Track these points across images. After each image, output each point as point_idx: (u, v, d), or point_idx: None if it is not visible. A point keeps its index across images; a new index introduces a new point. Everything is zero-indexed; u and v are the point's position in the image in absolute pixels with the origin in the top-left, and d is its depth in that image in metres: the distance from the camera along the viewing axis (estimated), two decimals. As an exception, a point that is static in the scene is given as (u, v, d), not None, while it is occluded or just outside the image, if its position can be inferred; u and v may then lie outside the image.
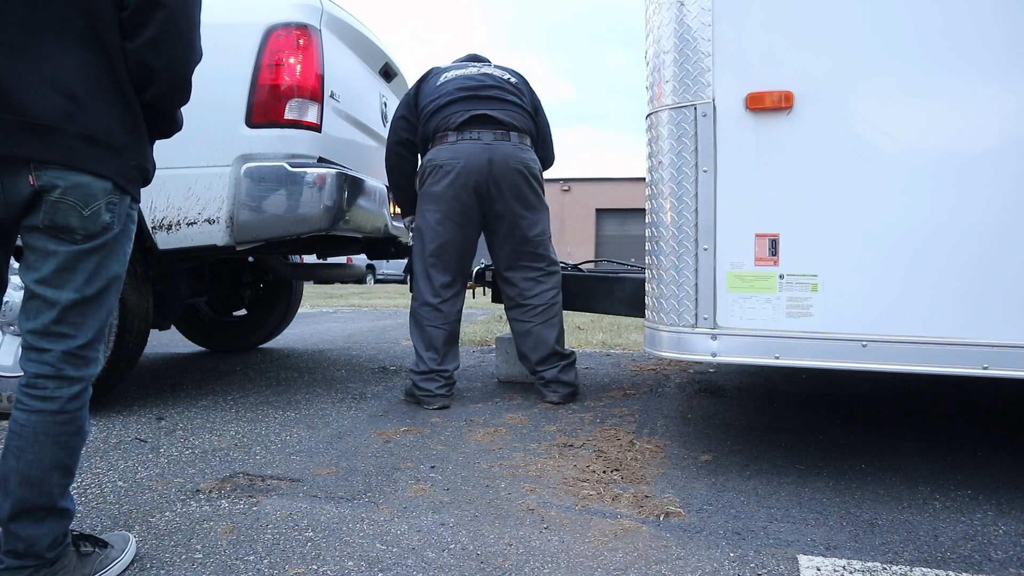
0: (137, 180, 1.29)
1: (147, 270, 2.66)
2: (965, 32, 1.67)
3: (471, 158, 2.70)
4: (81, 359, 1.23)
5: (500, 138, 2.75)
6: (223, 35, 2.55)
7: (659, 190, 1.96)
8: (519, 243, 2.86)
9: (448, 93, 2.80)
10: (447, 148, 2.73)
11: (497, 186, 2.74)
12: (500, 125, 2.76)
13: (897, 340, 1.72)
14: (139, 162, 1.27)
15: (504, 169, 2.73)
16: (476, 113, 2.74)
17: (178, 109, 1.37)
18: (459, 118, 2.73)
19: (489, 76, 2.88)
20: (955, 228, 1.68)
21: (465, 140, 2.72)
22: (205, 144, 2.51)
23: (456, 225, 2.77)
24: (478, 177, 2.71)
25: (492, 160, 2.71)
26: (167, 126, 1.38)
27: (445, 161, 2.72)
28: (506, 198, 2.76)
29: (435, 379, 2.75)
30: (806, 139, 1.79)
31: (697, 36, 1.86)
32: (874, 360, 1.73)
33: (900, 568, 1.41)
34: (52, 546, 1.22)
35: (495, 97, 2.81)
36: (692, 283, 1.89)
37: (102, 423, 2.48)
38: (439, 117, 2.78)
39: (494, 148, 2.72)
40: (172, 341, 4.74)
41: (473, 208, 2.76)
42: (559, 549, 1.48)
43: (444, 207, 2.74)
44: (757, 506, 1.74)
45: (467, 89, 2.80)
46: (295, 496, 1.78)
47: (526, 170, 2.80)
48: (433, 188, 2.75)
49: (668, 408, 2.79)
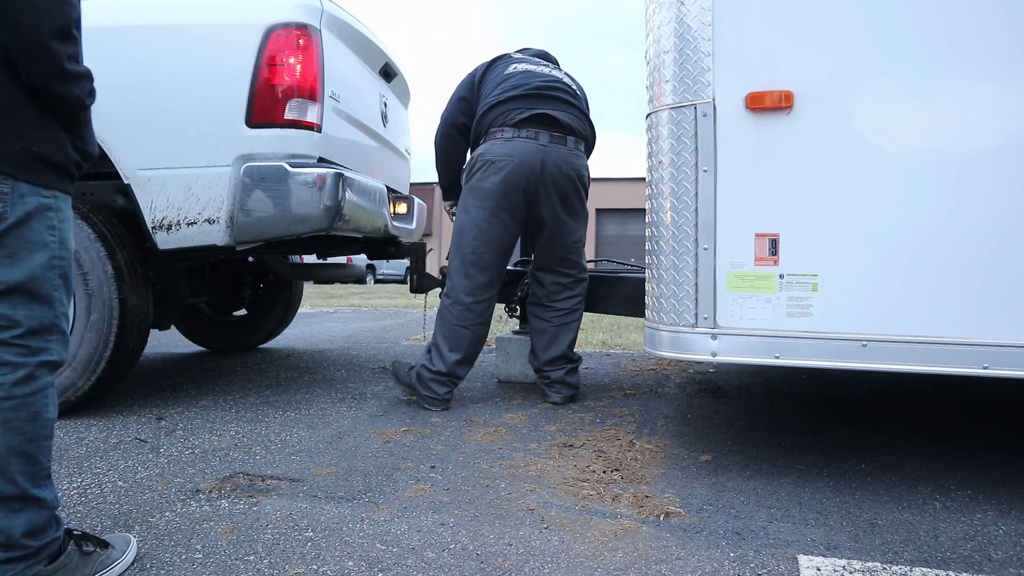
0: (33, 166, 1.22)
1: (147, 270, 2.66)
2: (965, 32, 1.67)
3: (525, 157, 2.63)
4: (23, 348, 1.22)
5: (556, 140, 2.68)
6: (223, 35, 2.56)
7: (659, 190, 1.96)
8: (557, 248, 2.84)
9: (512, 87, 2.73)
10: (501, 144, 2.65)
11: (547, 189, 2.68)
12: (559, 127, 2.70)
13: (897, 340, 1.72)
14: (25, 146, 1.21)
15: (556, 173, 2.68)
16: (537, 112, 2.67)
17: (54, 82, 1.23)
18: (518, 115, 2.66)
19: (558, 79, 2.82)
20: (955, 228, 1.68)
21: (521, 138, 2.64)
22: (205, 144, 2.51)
23: (502, 224, 2.69)
24: (529, 177, 2.65)
25: (545, 162, 2.65)
26: (58, 103, 1.26)
27: (498, 157, 2.64)
28: (553, 202, 2.72)
29: (446, 384, 2.69)
30: (806, 139, 1.79)
31: (697, 36, 1.86)
32: (874, 360, 1.73)
33: (900, 568, 1.41)
34: (30, 534, 1.21)
35: (558, 98, 2.75)
36: (692, 283, 1.89)
37: (102, 423, 2.48)
38: (498, 111, 2.70)
39: (549, 150, 2.66)
40: (172, 341, 4.74)
41: (520, 208, 2.70)
42: (559, 549, 1.48)
43: (492, 204, 2.67)
44: (757, 506, 1.74)
45: (532, 87, 2.73)
46: (295, 496, 1.78)
47: (576, 176, 2.75)
48: (482, 184, 2.67)
49: (668, 408, 2.79)
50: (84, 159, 1.34)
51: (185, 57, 2.54)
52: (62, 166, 1.28)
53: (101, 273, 2.46)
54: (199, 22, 2.58)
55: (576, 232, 2.86)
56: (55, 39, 1.20)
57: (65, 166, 1.29)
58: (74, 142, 1.30)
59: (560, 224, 2.78)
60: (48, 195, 1.26)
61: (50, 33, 1.19)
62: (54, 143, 1.26)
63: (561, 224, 2.78)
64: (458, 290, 2.73)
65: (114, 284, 2.47)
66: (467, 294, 2.71)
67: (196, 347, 4.44)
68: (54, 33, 1.20)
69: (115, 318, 2.47)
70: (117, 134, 2.51)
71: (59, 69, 1.22)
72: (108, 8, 2.61)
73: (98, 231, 2.48)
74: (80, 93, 1.27)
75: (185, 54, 2.55)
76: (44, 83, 1.22)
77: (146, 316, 2.63)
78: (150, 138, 2.53)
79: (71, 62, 1.24)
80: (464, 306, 2.71)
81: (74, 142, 1.30)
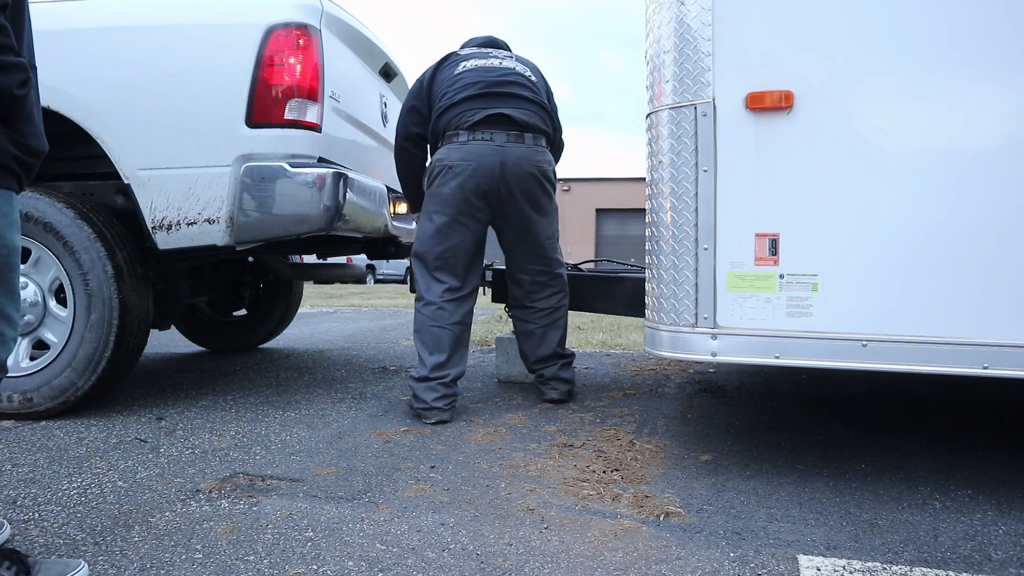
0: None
1: (147, 270, 2.66)
2: (965, 31, 1.67)
3: (482, 160, 2.59)
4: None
5: (514, 139, 2.64)
6: (223, 35, 2.56)
7: (659, 190, 1.96)
8: (528, 245, 2.80)
9: (464, 87, 2.66)
10: (457, 148, 2.62)
11: (508, 189, 2.64)
12: (516, 125, 2.65)
13: (898, 340, 1.71)
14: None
15: (517, 172, 2.63)
16: (492, 112, 2.62)
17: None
18: (472, 116, 2.60)
19: (510, 71, 2.75)
20: (956, 227, 1.68)
21: (477, 141, 2.60)
22: (205, 144, 2.51)
23: (464, 228, 2.66)
24: (489, 180, 2.60)
25: (504, 163, 2.61)
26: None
27: (455, 162, 2.61)
28: (517, 201, 2.68)
29: (435, 388, 2.57)
30: (806, 138, 1.79)
31: (697, 35, 1.86)
32: (874, 360, 1.73)
33: (900, 568, 1.41)
34: None
35: (513, 94, 2.68)
36: (692, 283, 1.89)
37: (102, 423, 2.48)
38: (452, 114, 2.65)
39: (507, 150, 2.62)
40: (172, 341, 4.74)
41: (482, 211, 2.67)
42: (559, 549, 1.48)
43: (451, 210, 2.63)
44: (757, 506, 1.74)
45: (484, 84, 2.67)
46: (295, 496, 1.78)
47: (540, 173, 2.70)
48: (441, 190, 2.64)
49: (668, 408, 2.79)
50: (27, 154, 1.28)
51: (185, 57, 2.54)
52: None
53: (101, 273, 2.46)
54: (199, 22, 2.58)
55: (547, 228, 2.81)
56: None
57: (2, 162, 1.23)
58: (12, 137, 1.25)
59: (528, 223, 2.74)
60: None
61: None
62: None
63: (530, 223, 2.74)
64: (427, 294, 2.68)
65: (114, 284, 2.47)
66: (436, 296, 2.66)
67: (196, 347, 4.43)
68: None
69: (115, 318, 2.47)
70: (117, 134, 2.52)
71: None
72: (108, 8, 2.62)
73: (98, 231, 2.48)
74: (8, 84, 1.21)
75: (185, 54, 2.54)
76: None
77: (146, 316, 2.63)
78: (150, 138, 2.53)
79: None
80: (436, 305, 2.65)
81: (12, 137, 1.25)
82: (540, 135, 2.73)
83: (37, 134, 1.31)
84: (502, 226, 2.77)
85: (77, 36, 2.56)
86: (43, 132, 1.34)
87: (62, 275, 2.49)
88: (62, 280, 2.50)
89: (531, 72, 2.83)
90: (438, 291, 2.67)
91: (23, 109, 1.27)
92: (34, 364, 2.52)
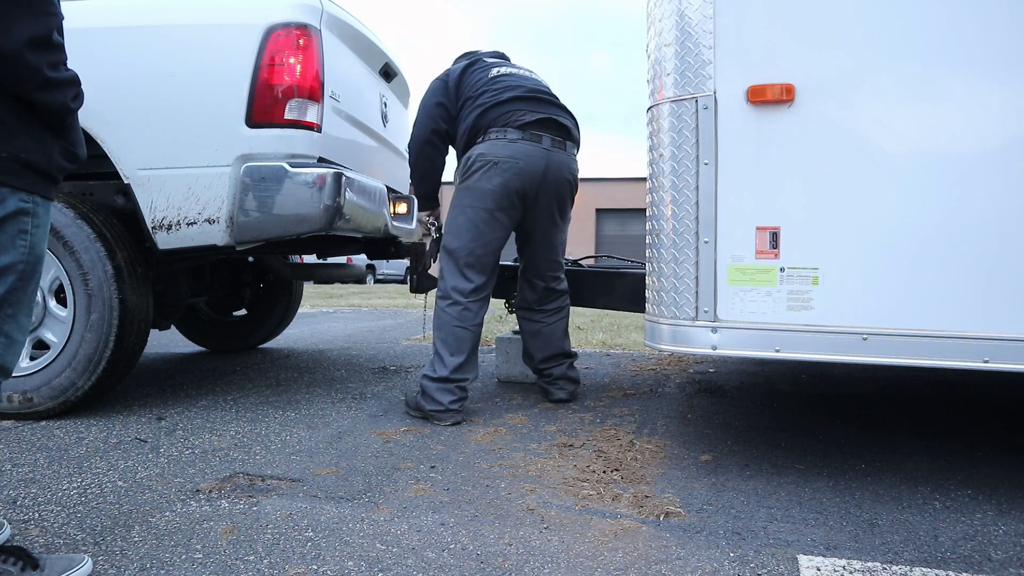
0: (16, 171, 1.24)
1: (147, 270, 2.66)
2: (967, 24, 1.67)
3: (530, 161, 2.60)
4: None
5: (557, 145, 2.67)
6: (223, 35, 2.56)
7: (660, 183, 1.96)
8: (546, 251, 2.83)
9: (508, 88, 2.68)
10: (505, 145, 2.59)
11: (547, 193, 2.67)
12: (561, 132, 2.69)
13: (898, 333, 1.71)
14: (13, 153, 1.23)
15: (557, 177, 2.67)
16: (543, 116, 2.65)
17: (37, 91, 1.24)
18: (524, 117, 2.61)
19: (541, 82, 2.81)
20: (959, 222, 1.68)
21: (526, 141, 2.61)
22: (205, 144, 2.51)
23: (499, 225, 2.65)
24: (531, 181, 2.62)
25: (548, 166, 2.63)
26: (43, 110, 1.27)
27: (502, 158, 2.58)
28: (551, 206, 2.72)
29: (452, 391, 2.56)
30: (807, 132, 1.79)
31: (698, 29, 1.86)
32: (875, 353, 1.73)
33: (900, 568, 1.41)
34: None
35: (554, 103, 2.74)
36: (692, 276, 1.89)
37: (102, 423, 2.48)
38: (499, 112, 2.63)
39: (552, 155, 2.65)
40: (172, 341, 4.74)
41: (516, 211, 2.67)
42: (559, 549, 1.48)
43: (491, 205, 2.61)
44: (757, 506, 1.74)
45: (529, 90, 2.70)
46: (295, 496, 1.78)
47: (573, 180, 2.76)
48: (482, 184, 2.61)
49: (668, 408, 2.79)
50: (72, 161, 1.35)
51: (185, 57, 2.54)
52: (46, 171, 1.29)
53: (101, 273, 2.46)
54: (199, 22, 2.58)
55: (563, 234, 2.88)
56: (29, 49, 1.20)
57: (49, 171, 1.29)
58: (62, 147, 1.31)
59: (553, 228, 2.79)
60: (28, 200, 1.27)
61: (23, 44, 1.20)
62: (40, 149, 1.27)
63: (554, 228, 2.79)
64: (455, 292, 2.65)
65: (114, 284, 2.47)
66: (464, 296, 2.64)
67: (196, 347, 4.43)
68: (27, 43, 1.20)
69: (115, 318, 2.47)
70: (117, 134, 2.52)
71: (39, 78, 1.23)
72: (108, 8, 2.61)
73: (98, 231, 2.48)
74: (64, 99, 1.28)
75: (185, 54, 2.54)
76: (26, 92, 1.24)
77: (146, 316, 2.63)
78: (150, 138, 2.53)
79: (52, 69, 1.24)
80: (462, 306, 2.63)
81: (62, 147, 1.31)
82: (575, 145, 2.80)
83: (80, 141, 1.37)
84: (530, 229, 2.79)
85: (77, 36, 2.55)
86: (83, 139, 1.40)
87: (62, 275, 2.49)
88: (62, 280, 2.50)
89: None
90: (466, 290, 2.65)
91: (75, 120, 1.34)
92: (34, 364, 2.52)
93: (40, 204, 1.29)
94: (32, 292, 1.31)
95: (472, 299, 2.65)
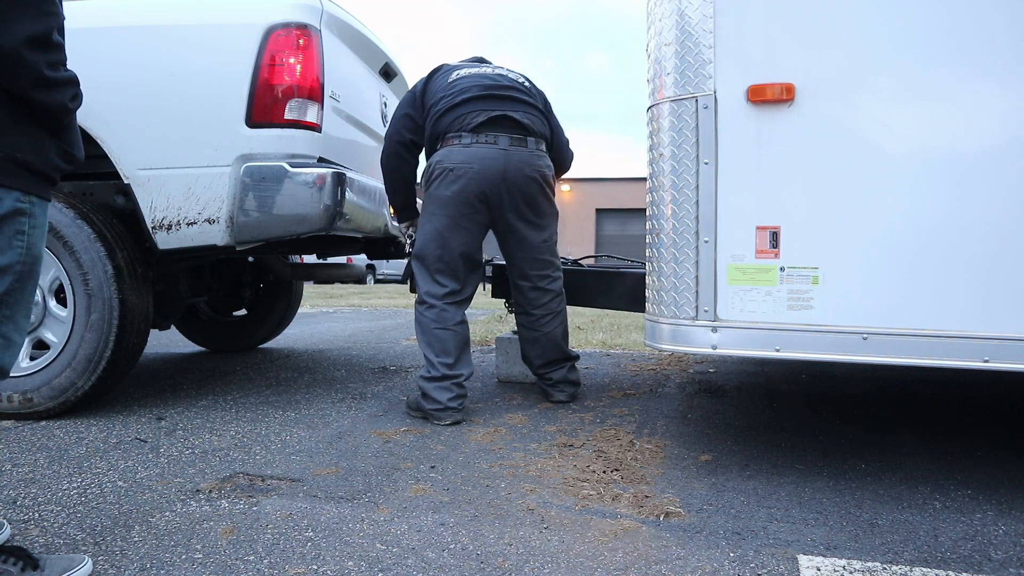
0: (13, 171, 1.23)
1: (147, 270, 2.66)
2: (968, 23, 1.66)
3: (485, 164, 2.55)
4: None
5: (517, 143, 2.62)
6: (223, 35, 2.56)
7: (660, 183, 1.96)
8: (529, 250, 2.77)
9: (463, 91, 2.63)
10: (460, 150, 2.57)
11: (510, 194, 2.62)
12: (519, 128, 2.63)
13: (899, 333, 1.71)
14: (9, 153, 1.22)
15: (519, 177, 2.61)
16: (495, 114, 2.60)
17: (35, 91, 1.23)
18: (476, 118, 2.57)
19: (504, 76, 2.75)
20: (960, 221, 1.67)
21: (480, 144, 2.57)
22: (205, 144, 2.51)
23: (464, 231, 2.63)
24: (491, 184, 2.58)
25: (507, 167, 2.58)
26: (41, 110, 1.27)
27: (457, 164, 2.56)
28: (519, 206, 2.66)
29: (449, 388, 2.56)
30: (808, 131, 1.79)
31: (698, 28, 1.86)
32: (875, 353, 1.73)
33: (900, 568, 1.41)
34: None
35: (513, 98, 2.67)
36: (692, 275, 1.89)
37: (102, 423, 2.48)
38: (452, 116, 2.60)
39: (510, 154, 2.59)
40: (172, 341, 4.74)
41: (482, 214, 2.64)
42: (559, 549, 1.48)
43: (452, 212, 2.60)
44: (757, 506, 1.74)
45: (484, 88, 2.65)
46: (295, 496, 1.78)
47: (540, 178, 2.68)
48: (441, 192, 2.60)
49: (668, 408, 2.79)
50: (69, 163, 1.34)
51: (185, 57, 2.54)
52: (42, 172, 1.28)
53: (101, 273, 2.46)
54: (199, 22, 2.58)
55: (546, 231, 2.80)
56: (28, 48, 1.20)
57: (45, 172, 1.29)
58: (60, 147, 1.30)
59: (528, 226, 2.72)
60: (25, 200, 1.26)
61: (22, 42, 1.19)
62: (36, 149, 1.27)
63: (529, 225, 2.73)
64: (427, 297, 2.66)
65: (114, 284, 2.47)
66: (438, 299, 2.64)
67: (196, 347, 4.43)
68: (27, 42, 1.20)
69: (115, 318, 2.47)
70: (117, 134, 2.52)
71: (37, 78, 1.23)
72: (108, 8, 2.62)
73: (98, 231, 2.48)
74: (62, 99, 1.27)
75: (185, 54, 2.54)
76: (24, 91, 1.23)
77: (146, 316, 2.63)
78: (150, 138, 2.53)
79: (51, 69, 1.24)
80: (438, 308, 2.63)
81: (60, 147, 1.30)
82: (541, 139, 2.72)
83: (78, 142, 1.36)
84: (502, 231, 2.75)
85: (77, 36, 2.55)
86: (81, 140, 1.39)
87: (62, 275, 2.49)
88: (62, 280, 2.50)
89: (524, 79, 2.83)
90: (439, 294, 2.65)
91: (73, 121, 1.34)
92: (34, 364, 2.52)
93: (37, 204, 1.28)
94: (30, 293, 1.30)
95: (447, 302, 2.65)
